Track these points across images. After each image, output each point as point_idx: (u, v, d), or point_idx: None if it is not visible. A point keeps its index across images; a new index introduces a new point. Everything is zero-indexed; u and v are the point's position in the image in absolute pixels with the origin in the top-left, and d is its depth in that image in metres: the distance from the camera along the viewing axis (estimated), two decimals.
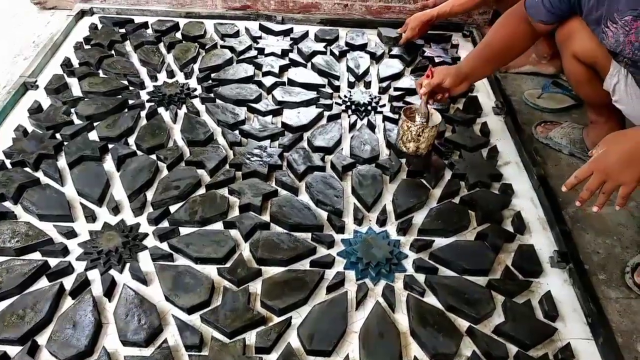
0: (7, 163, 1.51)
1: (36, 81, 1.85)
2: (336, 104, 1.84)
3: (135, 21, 2.22)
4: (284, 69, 1.99)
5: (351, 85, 1.94)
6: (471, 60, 1.55)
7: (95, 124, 1.67)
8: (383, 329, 1.15)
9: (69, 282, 1.22)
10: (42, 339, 1.12)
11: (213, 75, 1.92)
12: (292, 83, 1.91)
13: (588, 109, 1.68)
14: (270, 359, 1.11)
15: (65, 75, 1.88)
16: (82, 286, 1.21)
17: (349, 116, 1.80)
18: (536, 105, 1.97)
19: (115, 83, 1.84)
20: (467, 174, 1.54)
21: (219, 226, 1.38)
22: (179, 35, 2.16)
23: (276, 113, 1.78)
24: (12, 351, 1.09)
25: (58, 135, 1.62)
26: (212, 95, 1.83)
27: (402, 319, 1.20)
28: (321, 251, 1.34)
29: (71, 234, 1.33)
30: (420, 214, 1.45)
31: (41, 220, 1.37)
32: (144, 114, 1.74)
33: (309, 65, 2.03)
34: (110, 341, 1.12)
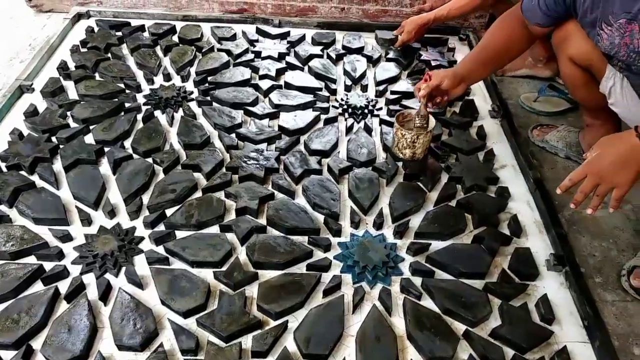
0: (3, 166, 1.51)
1: (32, 84, 1.84)
2: (333, 107, 1.84)
3: (132, 24, 2.22)
4: (280, 72, 1.99)
5: (348, 89, 1.95)
6: (468, 63, 1.56)
7: (91, 127, 1.67)
8: (380, 332, 1.15)
9: (64, 286, 1.21)
10: (37, 343, 1.11)
11: (210, 79, 1.92)
12: (288, 86, 1.91)
13: (584, 112, 1.69)
14: None
15: (61, 78, 1.88)
16: (77, 290, 1.20)
17: (345, 119, 1.80)
18: (532, 109, 1.97)
19: (111, 86, 1.84)
20: (463, 177, 1.55)
21: (215, 230, 1.38)
22: (175, 39, 2.16)
23: (273, 116, 1.78)
24: (7, 356, 1.08)
25: (54, 139, 1.61)
26: (208, 98, 1.83)
27: (398, 322, 1.20)
28: (318, 255, 1.34)
29: (66, 238, 1.32)
30: (417, 217, 1.45)
31: (36, 223, 1.36)
32: (140, 117, 1.73)
33: (305, 68, 2.03)
34: (105, 345, 1.12)
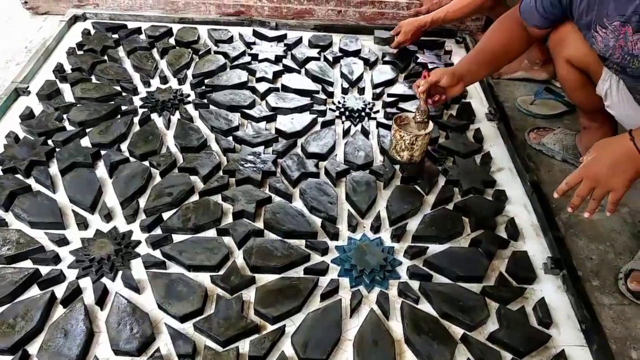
0: None
1: (28, 87, 1.84)
2: (330, 110, 1.84)
3: (129, 27, 2.22)
4: (277, 75, 1.99)
5: (345, 92, 1.95)
6: (466, 63, 1.56)
7: (87, 130, 1.66)
8: (377, 336, 1.15)
9: (60, 291, 1.20)
10: (32, 348, 1.10)
11: (206, 81, 1.91)
12: (285, 89, 1.91)
13: (581, 114, 1.69)
14: None
15: (57, 81, 1.87)
16: (73, 294, 1.20)
17: (342, 122, 1.80)
18: (529, 112, 1.98)
19: (108, 89, 1.84)
20: (460, 180, 1.55)
21: (212, 233, 1.37)
22: (172, 41, 2.16)
23: (270, 119, 1.78)
24: None
25: (50, 142, 1.61)
26: (205, 101, 1.83)
27: (396, 326, 1.20)
28: (315, 258, 1.33)
29: (63, 242, 1.32)
30: (414, 220, 1.45)
31: (32, 227, 1.36)
32: (136, 120, 1.73)
33: (302, 71, 2.03)
34: (102, 350, 1.11)
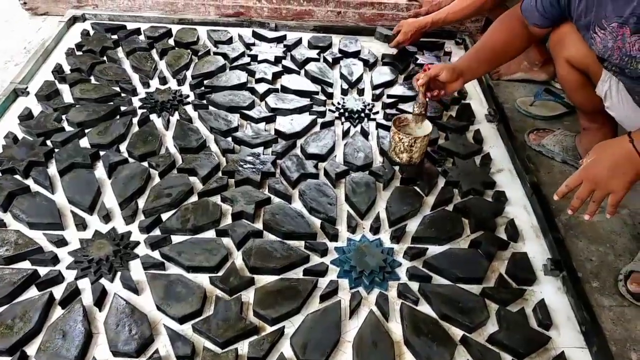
0: None
1: (27, 87, 1.83)
2: (329, 111, 1.83)
3: (128, 27, 2.21)
4: (277, 75, 1.99)
5: (344, 93, 1.94)
6: (467, 60, 1.56)
7: (86, 131, 1.65)
8: (377, 338, 1.14)
9: (58, 292, 1.20)
10: (31, 349, 1.10)
11: (206, 82, 1.91)
12: (285, 90, 1.91)
13: (580, 115, 1.69)
14: None
15: (56, 81, 1.87)
16: (72, 295, 1.19)
17: (342, 123, 1.80)
18: (528, 113, 1.98)
19: (107, 90, 1.83)
20: (460, 181, 1.54)
21: (211, 234, 1.37)
22: (171, 42, 2.15)
23: (269, 120, 1.77)
24: None
25: (49, 142, 1.60)
26: (204, 102, 1.83)
27: (395, 327, 1.19)
28: (314, 259, 1.33)
29: (61, 243, 1.31)
30: (414, 221, 1.44)
31: (31, 228, 1.35)
32: (135, 120, 1.73)
33: (302, 72, 2.02)
34: (100, 352, 1.11)
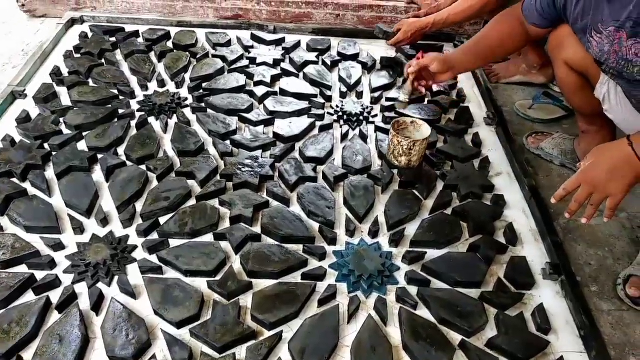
0: None
1: (25, 90, 1.83)
2: (328, 114, 1.83)
3: (126, 30, 2.21)
4: (275, 78, 1.98)
5: (343, 96, 1.94)
6: (460, 53, 1.59)
7: (84, 134, 1.65)
8: (375, 342, 1.14)
9: (55, 296, 1.19)
10: (27, 354, 1.09)
11: (204, 85, 1.91)
12: (283, 93, 1.91)
13: (579, 118, 1.69)
14: None
15: (54, 84, 1.86)
16: (69, 300, 1.18)
17: (340, 126, 1.79)
18: (527, 116, 1.98)
19: (105, 92, 1.83)
20: (459, 185, 1.54)
21: (209, 238, 1.37)
22: (170, 44, 2.15)
23: (268, 123, 1.77)
24: None
25: (46, 145, 1.60)
26: (203, 105, 1.82)
27: (394, 332, 1.19)
28: (313, 263, 1.33)
29: (58, 247, 1.31)
30: (413, 225, 1.44)
31: (28, 232, 1.35)
32: (134, 123, 1.72)
33: (300, 75, 2.02)
34: (97, 356, 1.10)
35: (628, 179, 1.09)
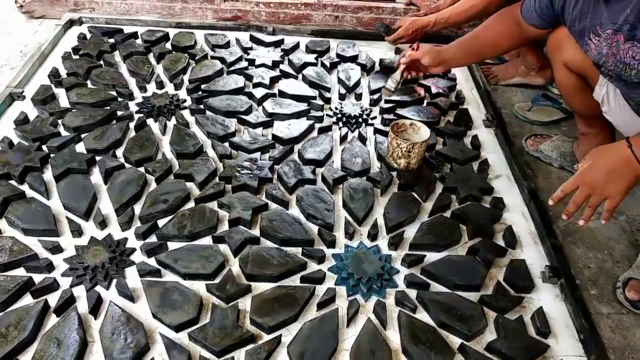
0: None
1: (23, 92, 1.82)
2: (327, 116, 1.83)
3: (125, 31, 2.21)
4: (274, 80, 1.98)
5: (342, 97, 1.94)
6: (454, 48, 1.60)
7: (82, 136, 1.65)
8: (374, 346, 1.13)
9: (53, 299, 1.19)
10: (25, 358, 1.09)
11: (203, 87, 1.90)
12: (282, 95, 1.90)
13: (578, 120, 1.69)
14: None
15: (52, 85, 1.86)
16: (67, 303, 1.18)
17: (339, 128, 1.79)
18: (526, 118, 1.97)
19: (103, 94, 1.82)
20: (458, 187, 1.54)
21: (208, 241, 1.36)
22: (168, 46, 2.15)
23: (267, 125, 1.77)
24: None
25: (44, 147, 1.59)
26: (202, 106, 1.82)
27: (393, 336, 1.18)
28: (312, 266, 1.32)
29: (57, 249, 1.30)
30: (412, 228, 1.44)
31: (26, 234, 1.34)
32: (132, 125, 1.72)
33: (299, 76, 2.02)
34: None
35: (627, 181, 1.09)
